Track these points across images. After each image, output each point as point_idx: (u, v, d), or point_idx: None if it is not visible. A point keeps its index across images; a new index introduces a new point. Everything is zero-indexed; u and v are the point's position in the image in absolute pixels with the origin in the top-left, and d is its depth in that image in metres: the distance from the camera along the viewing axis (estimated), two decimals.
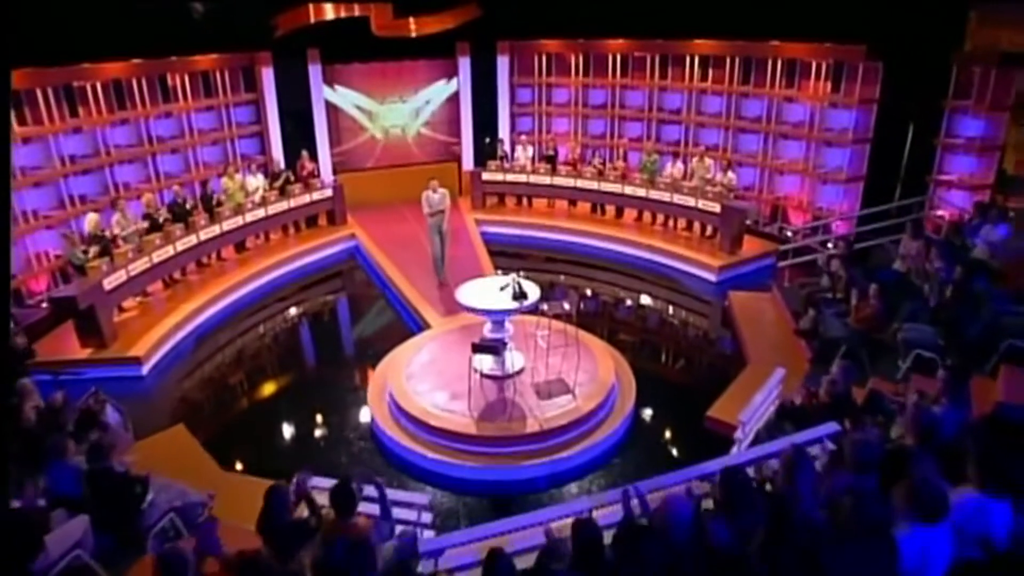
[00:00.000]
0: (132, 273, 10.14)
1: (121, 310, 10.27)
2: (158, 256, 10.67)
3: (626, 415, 7.81)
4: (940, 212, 11.53)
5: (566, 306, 8.57)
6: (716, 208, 12.32)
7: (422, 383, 8.10)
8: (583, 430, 7.48)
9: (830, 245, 11.51)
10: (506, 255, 12.83)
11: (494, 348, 7.58)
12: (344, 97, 15.13)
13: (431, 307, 10.44)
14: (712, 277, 11.96)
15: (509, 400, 7.70)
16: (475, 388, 7.76)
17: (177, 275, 11.47)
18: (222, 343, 10.33)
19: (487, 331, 8.22)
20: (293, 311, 11.52)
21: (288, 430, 8.15)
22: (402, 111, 15.65)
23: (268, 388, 9.19)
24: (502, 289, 8.16)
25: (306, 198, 13.45)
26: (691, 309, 11.55)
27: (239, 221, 12.23)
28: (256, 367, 9.77)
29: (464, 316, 9.55)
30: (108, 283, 9.62)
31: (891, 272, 9.49)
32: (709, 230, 13.00)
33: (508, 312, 7.92)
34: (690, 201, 12.74)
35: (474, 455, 7.17)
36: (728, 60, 13.70)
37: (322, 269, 12.99)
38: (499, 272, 8.53)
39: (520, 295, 7.90)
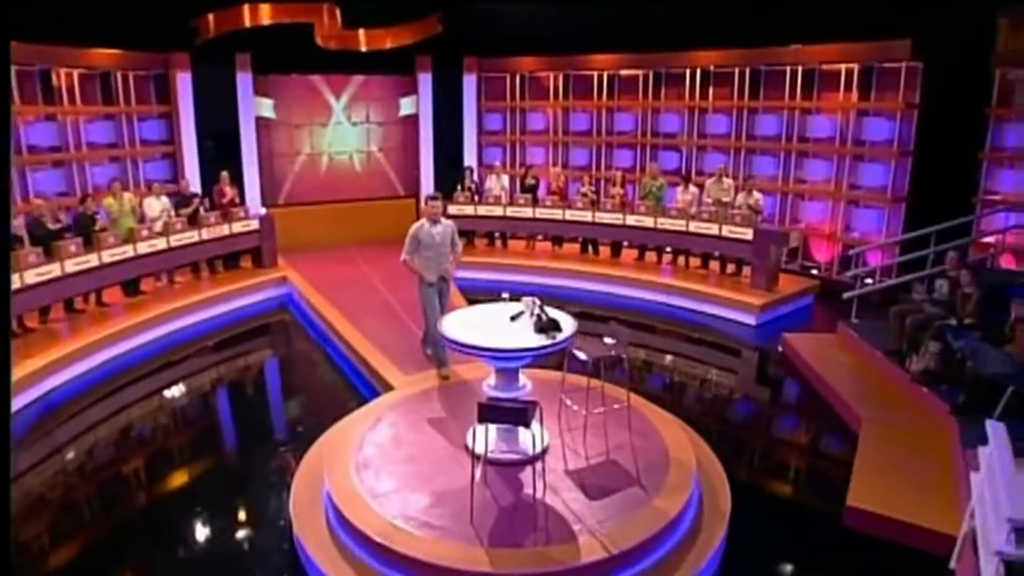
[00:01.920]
0: None
1: None
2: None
3: (724, 518, 4.53)
4: (987, 239, 8.99)
5: (615, 349, 5.33)
6: (747, 235, 9.44)
7: (384, 478, 4.66)
8: (671, 545, 4.15)
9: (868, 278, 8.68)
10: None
11: (519, 414, 4.18)
12: (280, 114, 11.93)
13: (390, 362, 7.05)
14: (751, 320, 8.98)
15: (536, 503, 4.33)
16: (477, 484, 4.37)
17: (32, 321, 7.80)
18: (92, 419, 6.64)
19: (490, 387, 4.89)
20: (198, 375, 7.86)
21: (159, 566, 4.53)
22: (350, 134, 12.51)
23: (139, 494, 5.53)
24: (514, 319, 4.90)
25: (224, 230, 9.97)
26: (734, 359, 8.49)
27: (127, 252, 8.64)
28: (123, 460, 6.07)
29: (441, 371, 6.25)
30: None
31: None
32: (731, 267, 10.12)
33: (531, 353, 4.62)
34: (711, 228, 9.84)
35: None
36: (736, 72, 11.16)
37: (242, 321, 9.40)
38: (504, 297, 5.25)
39: (549, 326, 4.63)
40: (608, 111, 12.62)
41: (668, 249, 10.71)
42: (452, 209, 11.59)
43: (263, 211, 10.96)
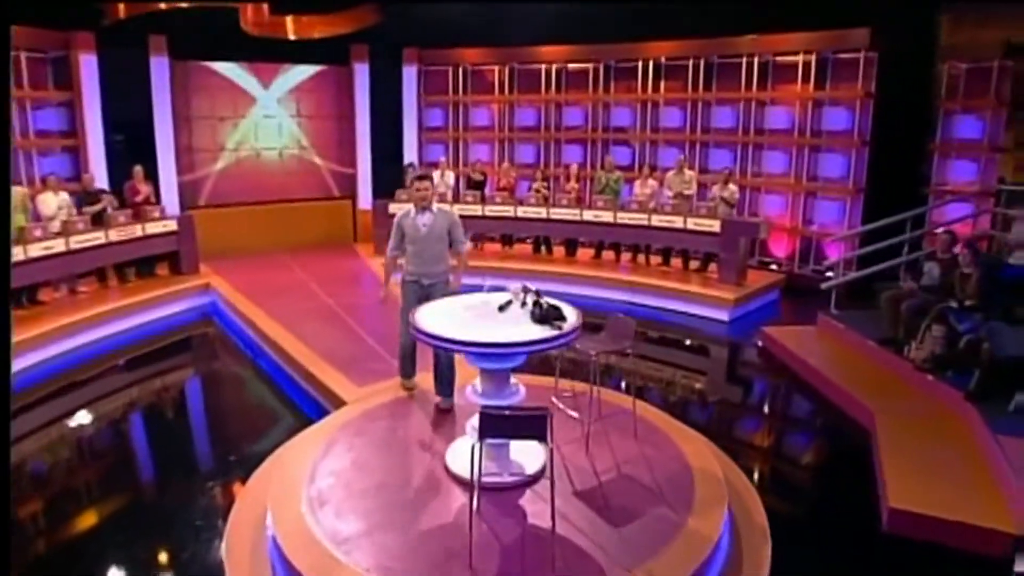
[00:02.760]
0: None
1: None
2: None
3: (765, 535, 3.73)
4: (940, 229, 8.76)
5: (618, 343, 4.48)
6: (714, 227, 8.83)
7: (348, 517, 3.62)
8: (716, 573, 3.33)
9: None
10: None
11: (535, 424, 3.15)
12: (202, 106, 10.61)
13: (339, 373, 5.98)
14: (724, 316, 8.35)
15: (548, 536, 3.38)
16: (467, 515, 3.40)
17: None
18: None
19: (476, 394, 3.94)
20: (107, 399, 6.49)
21: None
22: (280, 129, 11.29)
23: (34, 544, 4.24)
24: (503, 309, 3.98)
25: (136, 231, 8.61)
26: (713, 356, 7.82)
27: (17, 255, 7.21)
28: (13, 503, 4.76)
29: (406, 383, 5.27)
30: None
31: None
32: (694, 263, 9.52)
33: (533, 348, 3.69)
34: (675, 222, 9.19)
35: None
36: (690, 63, 10.63)
37: (158, 335, 8.06)
38: (485, 284, 4.33)
39: (551, 315, 3.74)
40: (556, 105, 11.88)
41: (627, 245, 10.03)
42: (393, 208, 10.57)
43: (184, 213, 9.63)
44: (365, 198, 11.74)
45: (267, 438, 5.22)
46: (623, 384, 6.17)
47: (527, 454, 3.99)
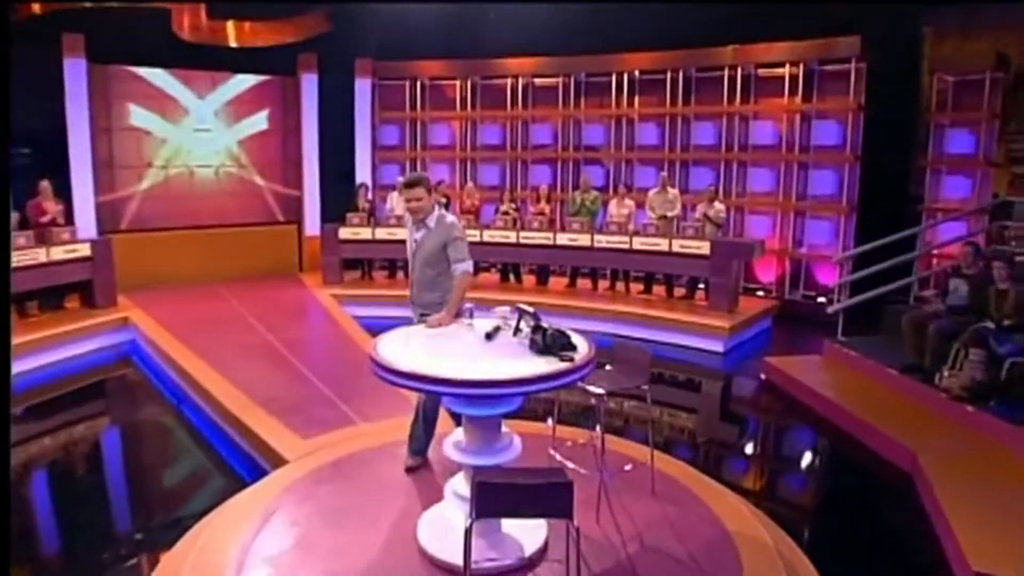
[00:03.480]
0: None
1: None
2: None
3: None
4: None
5: (632, 379, 3.76)
6: (702, 248, 8.26)
7: None
8: None
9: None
10: None
11: (557, 497, 2.32)
12: (125, 115, 9.66)
13: (280, 423, 5.07)
14: (718, 347, 7.73)
15: None
16: None
17: None
18: None
19: (460, 451, 3.12)
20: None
21: None
22: (217, 144, 10.39)
23: None
24: (491, 337, 3.21)
25: (40, 256, 7.54)
26: (714, 392, 7.19)
27: None
28: None
29: (355, 430, 4.45)
30: None
31: None
32: (680, 290, 8.95)
33: (537, 387, 2.90)
34: (659, 244, 8.59)
35: None
36: (668, 76, 10.18)
37: (66, 378, 6.96)
38: (467, 315, 3.53)
39: (558, 345, 2.97)
40: (523, 122, 11.29)
41: (607, 272, 9.40)
42: (344, 233, 9.77)
43: (100, 237, 8.60)
44: (312, 223, 10.84)
45: (188, 506, 4.29)
46: (613, 424, 5.42)
47: (523, 526, 3.18)
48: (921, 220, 8.78)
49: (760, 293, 9.69)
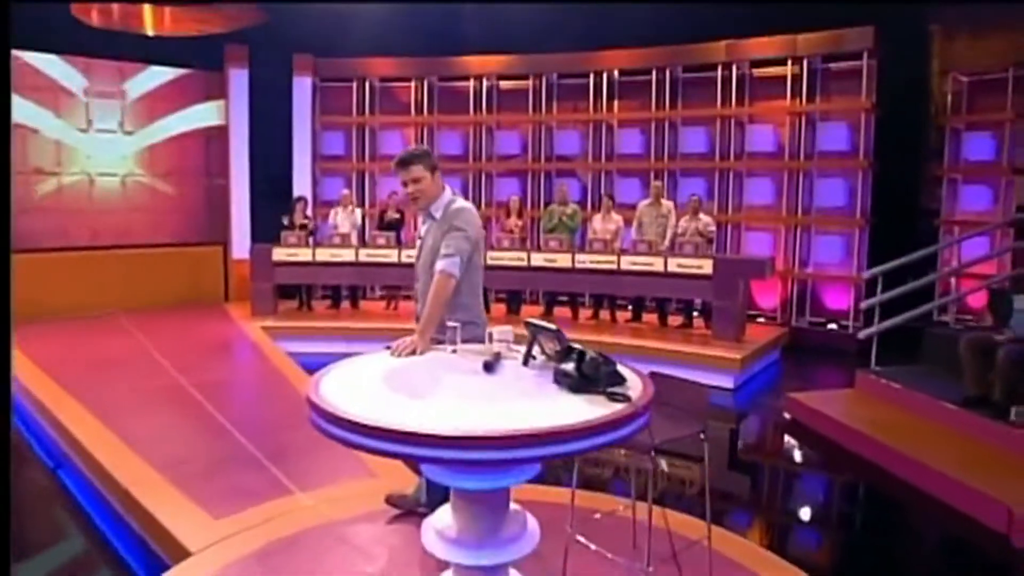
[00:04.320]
0: None
1: None
2: None
3: None
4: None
5: (689, 425, 2.79)
6: (704, 268, 7.33)
7: None
8: None
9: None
10: None
11: None
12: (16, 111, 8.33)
13: (185, 496, 3.83)
14: (728, 381, 6.77)
15: None
16: None
17: None
18: None
19: (447, 537, 2.00)
20: None
21: None
22: (124, 149, 9.09)
23: None
24: (490, 368, 2.17)
25: None
26: (733, 435, 6.18)
27: None
28: None
29: (289, 502, 3.30)
30: None
31: None
32: (675, 317, 8.02)
33: (575, 445, 1.85)
34: (652, 264, 7.63)
35: None
36: (653, 76, 9.38)
37: None
38: (450, 338, 2.44)
39: (603, 376, 1.90)
40: (487, 129, 10.34)
41: (588, 298, 8.42)
42: (279, 254, 8.57)
43: None
44: (241, 244, 9.59)
45: None
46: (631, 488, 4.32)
47: None
48: (938, 235, 8.20)
49: (761, 320, 8.84)
